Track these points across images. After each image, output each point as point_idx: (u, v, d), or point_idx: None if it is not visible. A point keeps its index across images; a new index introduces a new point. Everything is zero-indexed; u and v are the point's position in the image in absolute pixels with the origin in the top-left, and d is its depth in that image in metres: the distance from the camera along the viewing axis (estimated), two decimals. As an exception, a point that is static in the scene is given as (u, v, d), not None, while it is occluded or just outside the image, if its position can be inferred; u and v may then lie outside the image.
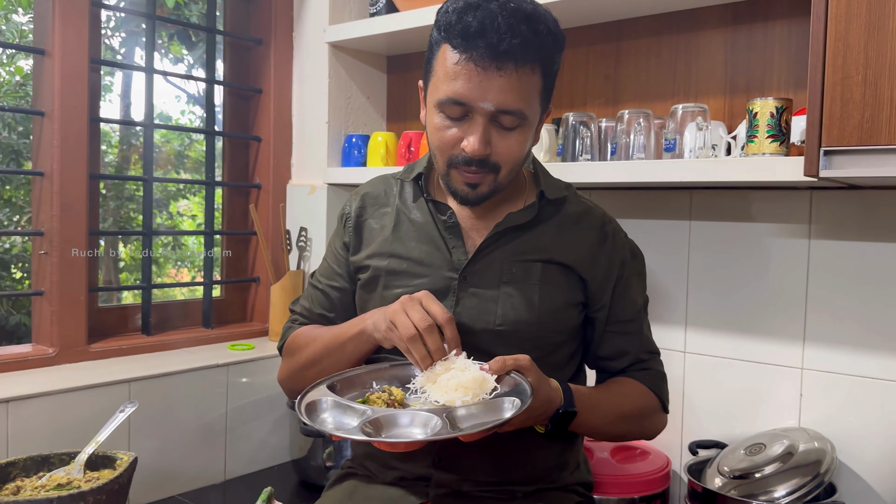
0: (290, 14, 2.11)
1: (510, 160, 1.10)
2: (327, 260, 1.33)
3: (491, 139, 1.07)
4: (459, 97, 1.05)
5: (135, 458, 1.19)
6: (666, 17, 1.64)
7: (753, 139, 1.34)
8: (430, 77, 1.11)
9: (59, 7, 1.64)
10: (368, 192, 1.30)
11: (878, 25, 1.06)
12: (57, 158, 1.65)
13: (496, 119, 1.07)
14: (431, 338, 1.03)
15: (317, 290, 1.32)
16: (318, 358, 1.21)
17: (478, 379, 0.97)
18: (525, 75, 1.05)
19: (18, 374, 1.59)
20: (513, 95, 1.05)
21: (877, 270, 1.42)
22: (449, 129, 1.08)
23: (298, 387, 1.26)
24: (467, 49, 1.03)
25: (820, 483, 1.34)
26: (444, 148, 1.10)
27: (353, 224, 1.27)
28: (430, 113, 1.11)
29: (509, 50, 1.02)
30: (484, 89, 1.04)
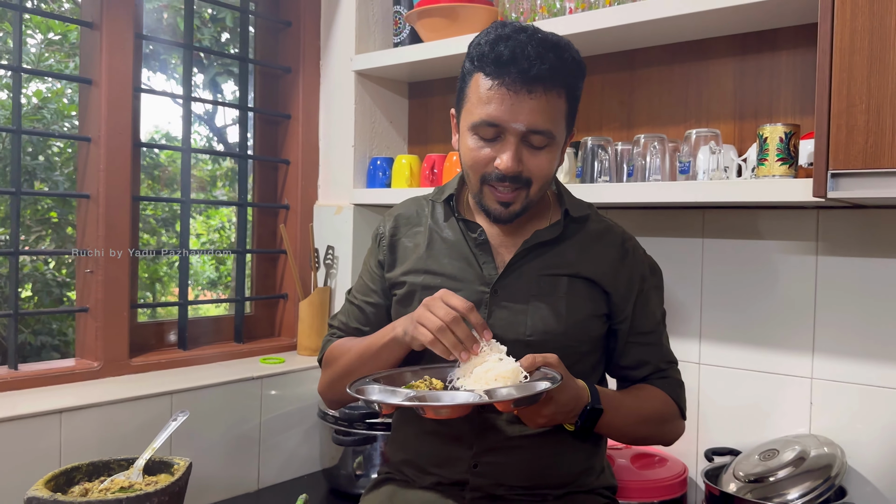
0: (317, 44, 2.21)
1: (541, 176, 1.19)
2: (363, 277, 1.41)
3: (522, 157, 1.17)
4: (493, 119, 1.14)
5: (190, 462, 1.27)
6: (677, 46, 1.73)
7: (764, 162, 1.43)
8: (464, 104, 1.21)
9: (105, 40, 1.74)
10: (401, 213, 1.38)
11: (879, 58, 1.15)
12: (103, 181, 1.74)
13: (527, 139, 1.16)
14: (459, 328, 1.10)
15: (353, 306, 1.40)
16: (353, 367, 1.27)
17: (513, 370, 1.06)
18: (552, 99, 1.15)
19: (67, 387, 1.67)
20: (542, 116, 1.15)
21: (881, 285, 1.50)
22: (482, 149, 1.18)
23: (337, 396, 1.35)
24: (500, 75, 1.13)
25: (831, 486, 1.41)
26: (477, 167, 1.19)
27: (388, 243, 1.35)
28: (464, 136, 1.21)
29: (538, 75, 1.12)
30: (516, 111, 1.13)
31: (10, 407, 1.49)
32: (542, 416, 1.10)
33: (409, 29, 2.06)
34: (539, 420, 1.11)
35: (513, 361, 1.09)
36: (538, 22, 1.74)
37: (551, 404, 1.09)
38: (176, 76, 4.80)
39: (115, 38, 1.75)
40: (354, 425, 1.77)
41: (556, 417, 1.12)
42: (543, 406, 1.09)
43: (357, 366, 1.27)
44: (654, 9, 1.54)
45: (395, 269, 1.34)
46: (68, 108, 4.49)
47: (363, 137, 2.17)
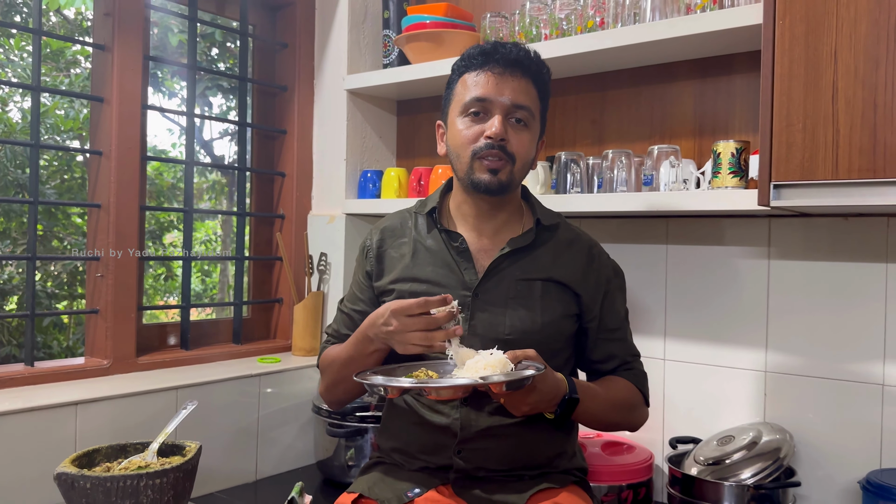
0: (311, 65, 2.36)
1: (522, 154, 1.35)
2: (352, 288, 1.53)
3: (508, 130, 1.33)
4: (481, 95, 1.33)
5: (200, 445, 1.40)
6: (643, 70, 1.89)
7: (718, 175, 1.59)
8: (451, 102, 1.39)
9: (117, 62, 1.88)
10: (387, 226, 1.50)
11: (814, 83, 1.30)
12: (114, 192, 1.87)
13: (511, 114, 1.33)
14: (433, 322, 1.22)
15: (343, 314, 1.52)
16: (341, 371, 1.40)
17: (501, 360, 1.19)
18: (529, 84, 1.35)
19: (79, 383, 1.79)
20: (523, 94, 1.34)
21: (825, 286, 1.65)
22: (472, 126, 1.34)
23: (336, 398, 1.49)
24: (485, 63, 1.33)
25: (780, 466, 1.55)
26: (467, 143, 1.34)
27: (375, 254, 1.47)
28: (454, 125, 1.37)
29: (518, 59, 1.33)
30: (501, 88, 1.32)
31: (27, 399, 1.61)
32: (526, 403, 1.23)
33: (397, 51, 2.20)
34: (523, 408, 1.23)
35: (501, 353, 1.21)
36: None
37: (535, 393, 1.22)
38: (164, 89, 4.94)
39: (125, 60, 1.89)
40: (347, 418, 1.89)
41: (539, 406, 1.25)
42: (528, 394, 1.21)
43: (345, 371, 1.38)
44: (621, 37, 1.70)
45: (383, 278, 1.45)
46: (65, 123, 4.61)
47: (354, 151, 2.31)
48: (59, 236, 4.55)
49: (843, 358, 1.63)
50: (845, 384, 1.63)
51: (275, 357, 2.18)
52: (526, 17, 1.91)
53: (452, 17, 2.07)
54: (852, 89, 1.26)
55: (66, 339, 4.60)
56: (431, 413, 1.38)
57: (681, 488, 1.61)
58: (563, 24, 1.84)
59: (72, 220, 4.65)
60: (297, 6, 2.31)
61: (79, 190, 4.65)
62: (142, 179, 1.95)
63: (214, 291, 5.21)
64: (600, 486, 1.71)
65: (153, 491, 1.24)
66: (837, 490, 1.63)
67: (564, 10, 1.84)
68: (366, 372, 1.27)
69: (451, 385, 1.14)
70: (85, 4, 4.37)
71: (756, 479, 1.54)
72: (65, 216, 4.58)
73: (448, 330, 1.23)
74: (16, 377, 1.71)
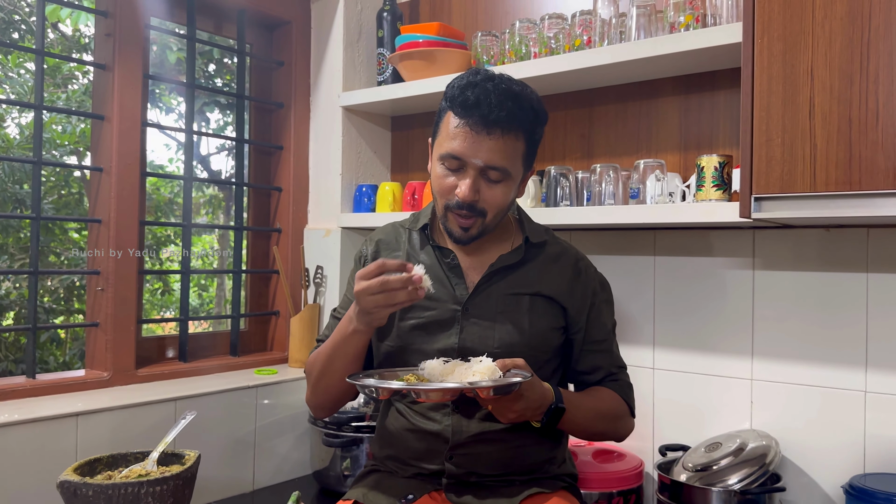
0: (307, 82, 2.41)
1: (495, 207, 1.37)
2: (347, 295, 1.55)
3: (480, 189, 1.34)
4: (456, 153, 1.32)
5: (199, 454, 1.44)
6: (629, 86, 1.94)
7: (701, 188, 1.64)
8: (437, 136, 1.40)
9: (117, 79, 1.92)
10: (382, 238, 1.54)
11: (791, 100, 1.34)
12: (114, 207, 1.91)
13: (485, 173, 1.34)
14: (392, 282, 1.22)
15: (337, 321, 1.54)
16: (323, 368, 1.40)
17: (490, 367, 1.23)
18: (510, 140, 1.33)
19: (80, 394, 1.82)
20: (499, 155, 1.32)
21: (809, 295, 1.70)
22: (447, 177, 1.36)
23: (320, 401, 1.49)
24: (465, 116, 1.32)
25: (765, 472, 1.59)
26: (442, 193, 1.37)
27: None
28: (434, 164, 1.39)
29: (497, 120, 1.30)
30: (475, 149, 1.31)
31: (29, 411, 1.64)
32: (513, 410, 1.26)
33: (391, 69, 2.25)
34: (510, 415, 1.27)
35: (490, 361, 1.25)
36: (506, 65, 1.95)
37: (522, 401, 1.25)
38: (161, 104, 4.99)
39: (125, 79, 1.93)
40: (342, 428, 1.93)
41: (526, 413, 1.28)
42: (515, 402, 1.25)
43: (328, 364, 1.39)
44: (607, 55, 1.75)
45: None
46: (62, 138, 4.65)
47: (350, 166, 2.36)
48: (55, 251, 4.58)
49: (826, 365, 1.67)
50: (829, 391, 1.67)
51: (272, 369, 2.21)
52: (515, 36, 1.97)
53: (445, 35, 2.12)
54: (828, 105, 1.31)
55: (62, 354, 4.61)
56: (423, 420, 1.42)
57: (670, 494, 1.64)
58: (552, 42, 1.90)
59: (69, 234, 4.68)
60: (293, 25, 2.36)
61: (76, 205, 4.68)
62: (141, 195, 1.99)
63: (211, 305, 5.23)
64: (591, 493, 1.74)
65: (153, 498, 1.28)
66: (822, 494, 1.66)
67: (553, 29, 1.89)
68: (358, 374, 1.30)
69: (439, 388, 1.18)
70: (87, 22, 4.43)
71: (742, 485, 1.57)
72: (62, 231, 4.61)
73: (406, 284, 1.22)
74: (18, 389, 1.74)
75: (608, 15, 1.80)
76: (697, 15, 1.67)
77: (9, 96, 4.58)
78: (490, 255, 1.45)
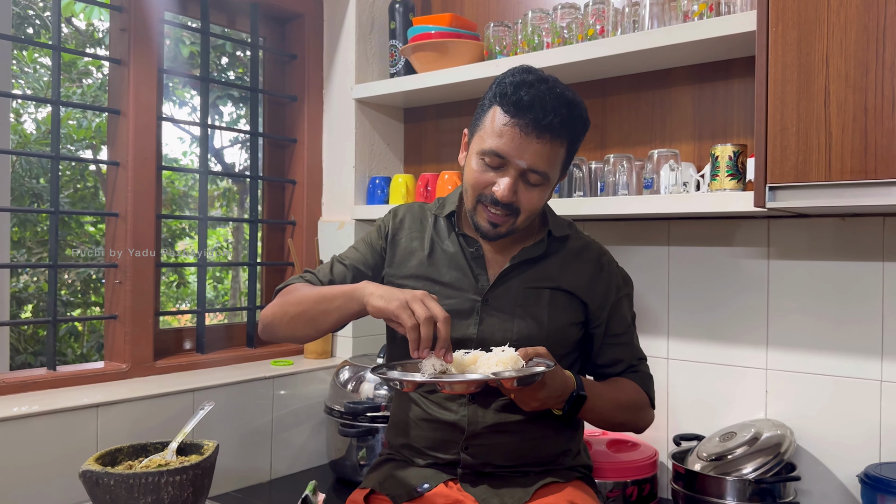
0: (320, 75, 2.42)
1: (529, 209, 1.36)
2: (356, 248, 1.53)
3: (518, 189, 1.33)
4: (501, 151, 1.31)
5: (217, 444, 1.45)
6: (642, 76, 1.94)
7: (716, 178, 1.63)
8: (478, 130, 1.37)
9: (133, 75, 1.94)
10: (408, 216, 1.53)
11: (806, 89, 1.34)
12: (131, 201, 1.93)
13: (525, 175, 1.33)
14: (427, 327, 1.18)
15: (340, 265, 1.50)
16: (305, 301, 1.36)
17: (513, 357, 1.23)
18: (556, 147, 1.32)
19: (99, 386, 1.85)
20: (543, 160, 1.31)
21: (823, 284, 1.69)
22: (485, 173, 1.34)
23: (278, 323, 1.42)
24: (516, 116, 1.29)
25: (780, 461, 1.59)
26: (477, 187, 1.35)
27: (392, 236, 1.51)
28: (472, 157, 1.37)
29: (549, 125, 1.29)
30: (522, 150, 1.30)
31: (50, 402, 1.67)
32: (536, 399, 1.27)
33: (403, 61, 2.26)
34: (533, 403, 1.28)
35: (513, 351, 1.26)
36: (519, 55, 1.95)
37: (544, 389, 1.26)
38: (174, 98, 5.01)
39: (141, 73, 1.95)
40: (358, 418, 1.95)
41: (548, 402, 1.29)
42: (537, 390, 1.26)
43: (309, 301, 1.35)
44: (620, 44, 1.75)
45: (394, 266, 1.49)
46: (77, 132, 4.70)
47: (363, 158, 2.37)
48: (71, 245, 4.64)
49: (841, 355, 1.67)
50: (844, 380, 1.66)
51: (287, 360, 2.23)
52: (528, 26, 1.97)
53: (457, 27, 2.12)
54: (843, 93, 1.30)
55: (80, 346, 4.67)
56: (440, 409, 1.43)
57: (684, 483, 1.65)
58: (565, 32, 1.89)
59: (84, 228, 4.73)
60: (305, 19, 2.37)
61: (91, 199, 4.73)
62: (157, 188, 2.01)
63: (226, 297, 5.28)
64: (606, 483, 1.75)
65: (173, 487, 1.30)
66: (837, 483, 1.66)
67: (566, 19, 1.89)
68: (382, 366, 1.31)
69: (464, 380, 1.18)
70: (101, 17, 4.46)
71: (757, 474, 1.57)
72: (77, 225, 4.66)
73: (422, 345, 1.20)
74: (39, 381, 1.77)
75: (621, 4, 1.80)
76: (711, 3, 1.66)
77: (24, 91, 4.62)
78: (513, 247, 1.46)
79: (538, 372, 1.20)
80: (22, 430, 1.58)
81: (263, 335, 1.48)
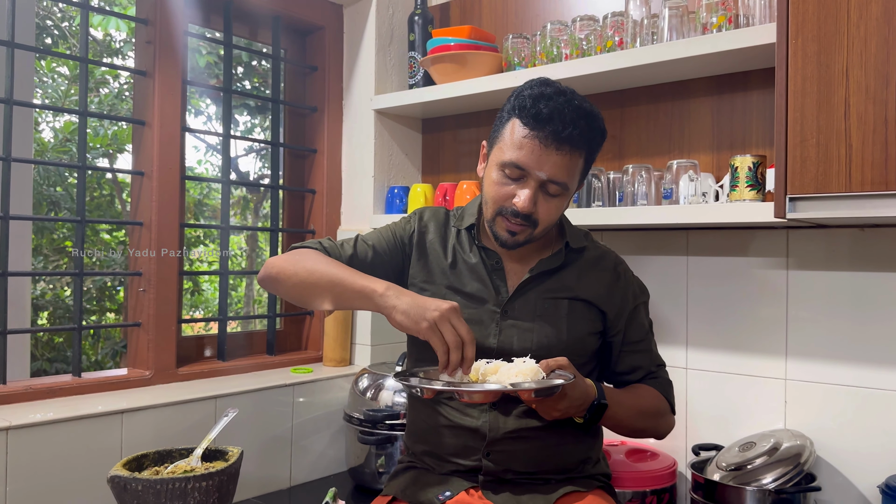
0: (340, 86, 2.44)
1: (547, 220, 1.38)
2: (381, 232, 1.51)
3: (537, 201, 1.35)
4: (521, 163, 1.33)
5: (242, 451, 1.47)
6: (661, 87, 1.95)
7: (735, 188, 1.64)
8: (497, 142, 1.38)
9: (158, 87, 1.97)
10: (433, 219, 1.54)
11: (826, 100, 1.34)
12: (155, 210, 1.96)
13: (545, 186, 1.34)
14: (456, 354, 1.22)
15: (364, 244, 1.48)
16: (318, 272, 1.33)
17: (533, 369, 1.25)
18: (575, 158, 1.34)
19: (123, 392, 1.87)
20: (563, 171, 1.33)
21: (842, 295, 1.69)
22: (505, 185, 1.36)
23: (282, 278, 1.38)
24: (535, 129, 1.30)
25: (800, 471, 1.59)
26: (497, 200, 1.37)
27: (417, 238, 1.51)
28: (491, 169, 1.39)
29: (568, 137, 1.31)
30: (542, 162, 1.32)
31: (75, 408, 1.69)
32: (557, 409, 1.29)
33: (422, 72, 2.28)
34: (554, 413, 1.29)
35: (533, 363, 1.27)
36: (538, 67, 1.97)
37: (565, 400, 1.28)
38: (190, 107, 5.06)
39: (165, 85, 1.98)
40: (377, 426, 1.96)
41: (569, 411, 1.31)
42: (558, 401, 1.27)
43: (320, 278, 1.32)
44: (639, 56, 1.76)
45: (420, 270, 1.49)
46: (94, 141, 4.75)
47: (382, 168, 2.39)
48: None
49: (861, 365, 1.67)
50: (864, 391, 1.66)
51: (307, 367, 2.25)
52: (547, 38, 1.98)
53: (476, 39, 2.14)
54: (864, 105, 1.31)
55: (95, 353, 4.71)
56: (461, 416, 1.44)
57: (703, 493, 1.65)
58: (583, 44, 1.91)
59: (100, 236, 4.77)
60: (326, 31, 2.40)
61: (107, 206, 4.77)
62: (181, 198, 2.04)
63: (240, 305, 5.31)
64: (625, 492, 1.75)
65: (199, 493, 1.32)
66: (857, 495, 1.66)
67: (584, 31, 1.91)
68: (405, 373, 1.32)
69: (482, 390, 1.20)
70: (118, 27, 4.51)
71: (777, 484, 1.57)
72: (94, 232, 4.71)
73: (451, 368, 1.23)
74: (64, 387, 1.80)
75: (640, 16, 1.81)
76: (730, 16, 1.67)
77: (42, 101, 4.68)
78: (531, 258, 1.47)
79: (555, 385, 1.21)
80: (48, 435, 1.60)
81: (262, 284, 1.44)
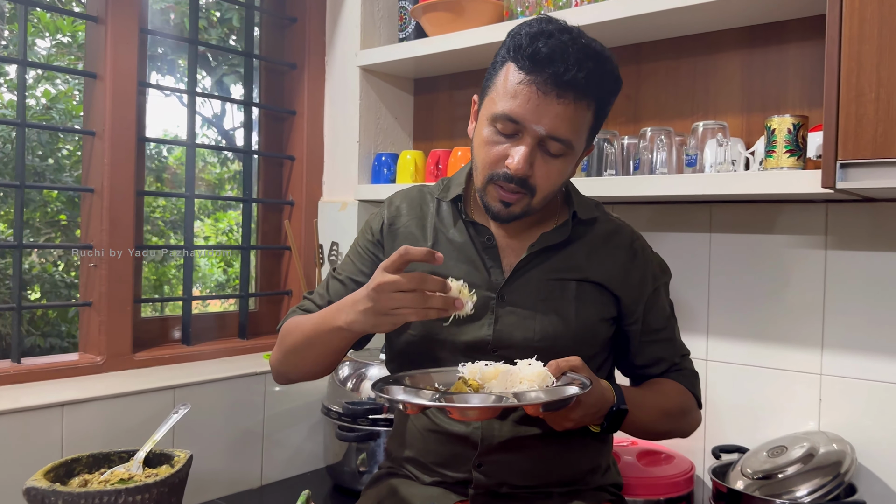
0: (322, 40, 2.23)
1: (547, 186, 1.15)
2: (350, 257, 1.35)
3: (535, 162, 1.12)
4: (515, 115, 1.10)
5: (190, 455, 1.27)
6: (684, 39, 1.73)
7: (772, 154, 1.42)
8: (488, 92, 1.16)
9: (110, 34, 1.75)
10: (405, 204, 1.33)
11: (888, 47, 1.14)
12: (107, 176, 1.75)
13: (544, 144, 1.12)
14: (430, 284, 1.03)
15: (336, 281, 1.32)
16: (298, 343, 1.22)
17: (540, 373, 1.03)
18: (581, 109, 1.11)
19: (70, 381, 1.67)
20: (565, 125, 1.10)
21: (891, 279, 1.49)
22: (497, 144, 1.13)
23: (285, 369, 1.30)
24: (533, 72, 1.08)
25: (840, 483, 1.39)
26: (487, 162, 1.15)
27: (388, 227, 1.31)
28: (482, 125, 1.16)
29: (572, 81, 1.08)
30: (540, 113, 1.09)
31: (12, 400, 1.49)
32: (570, 419, 1.08)
33: (414, 24, 2.07)
34: (566, 424, 1.09)
35: (540, 365, 1.06)
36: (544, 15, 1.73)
37: (579, 409, 1.07)
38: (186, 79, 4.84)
39: (119, 33, 1.76)
40: (358, 421, 1.76)
41: (584, 420, 1.10)
42: (571, 410, 1.06)
43: (305, 345, 1.21)
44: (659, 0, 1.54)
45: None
46: (77, 108, 4.53)
47: (368, 133, 2.17)
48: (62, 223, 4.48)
49: (911, 360, 1.47)
50: (914, 390, 1.47)
51: (282, 353, 2.05)
52: (554, -17, 1.75)
53: (473, -16, 1.91)
54: (937, 51, 1.10)
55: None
56: (449, 420, 1.24)
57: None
58: (596, -12, 1.67)
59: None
60: (306, -23, 2.17)
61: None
62: (138, 162, 1.82)
63: (236, 282, 5.13)
64: (636, 501, 1.57)
65: (135, 507, 1.11)
66: (906, 509, 1.46)
67: (597, -26, 1.67)
68: (388, 378, 1.12)
69: (478, 406, 0.98)
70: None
71: (813, 497, 1.38)
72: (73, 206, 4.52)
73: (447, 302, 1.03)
74: (1, 375, 1.59)
75: (662, -45, 1.57)
76: (769, -49, 1.44)
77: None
78: (530, 232, 1.25)
79: (568, 397, 1.00)
80: (-26, 432, 1.41)
81: (279, 382, 1.36)
